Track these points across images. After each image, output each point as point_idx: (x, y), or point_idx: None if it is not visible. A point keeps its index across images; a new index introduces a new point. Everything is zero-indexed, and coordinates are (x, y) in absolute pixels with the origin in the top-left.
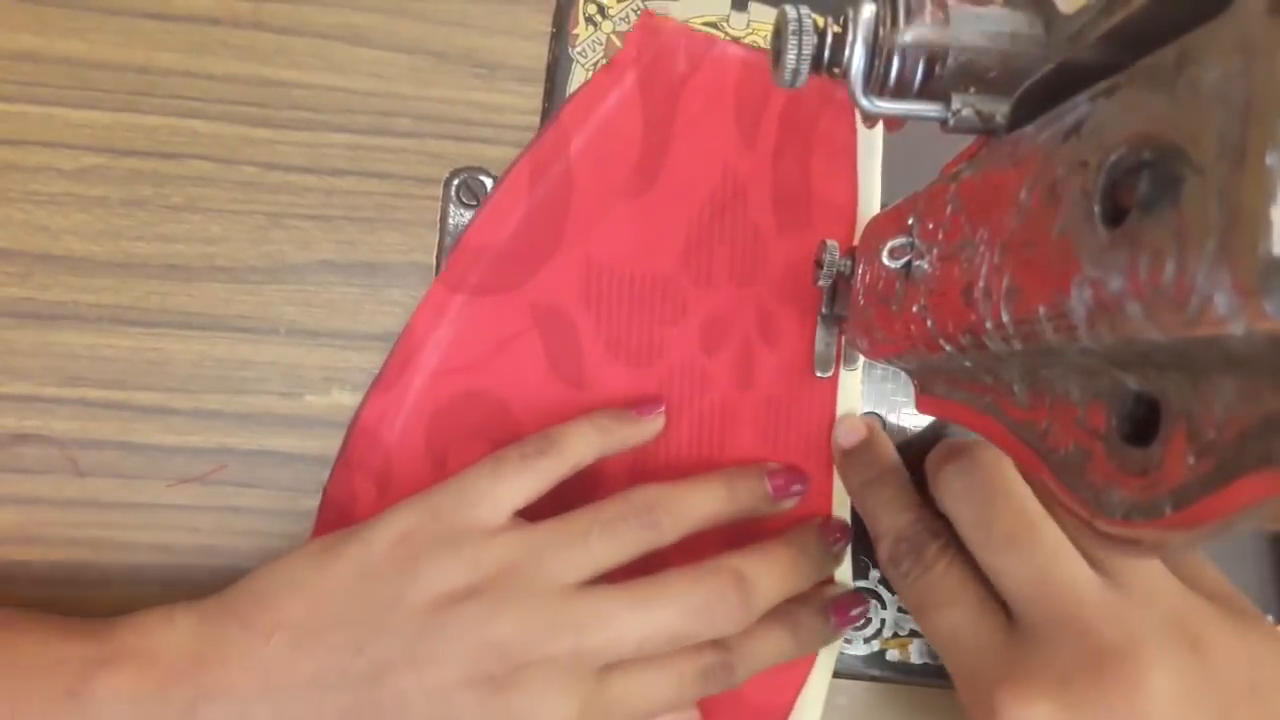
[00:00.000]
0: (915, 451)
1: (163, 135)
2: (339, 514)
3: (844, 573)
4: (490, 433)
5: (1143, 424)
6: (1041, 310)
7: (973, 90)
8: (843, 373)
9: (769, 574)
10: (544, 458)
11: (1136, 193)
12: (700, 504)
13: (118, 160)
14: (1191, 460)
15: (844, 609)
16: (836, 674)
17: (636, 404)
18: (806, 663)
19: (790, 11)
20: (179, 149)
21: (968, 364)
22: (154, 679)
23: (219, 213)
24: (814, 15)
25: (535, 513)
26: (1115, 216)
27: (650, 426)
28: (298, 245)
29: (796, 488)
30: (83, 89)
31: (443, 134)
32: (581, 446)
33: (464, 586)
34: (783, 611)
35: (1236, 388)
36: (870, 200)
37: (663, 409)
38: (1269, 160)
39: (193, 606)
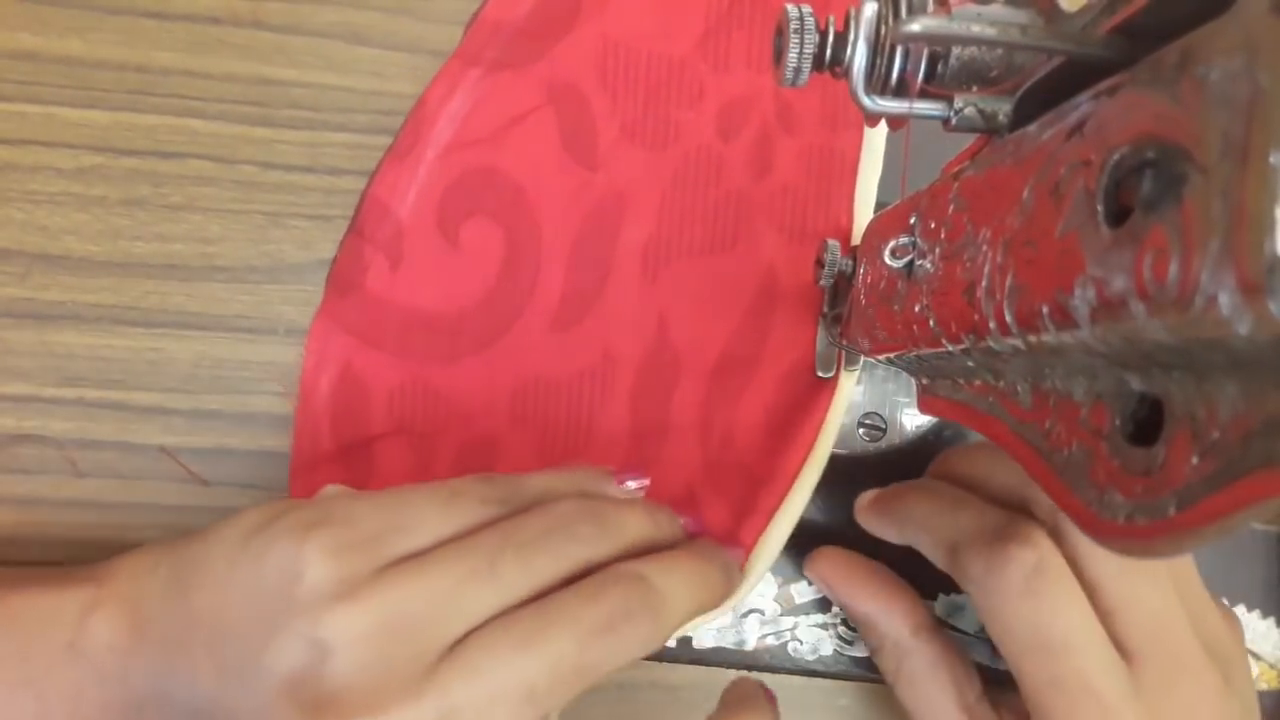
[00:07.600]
0: (923, 457)
1: (162, 134)
2: (349, 281)
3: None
4: (502, 214)
5: (1146, 424)
6: (1045, 309)
7: (975, 89)
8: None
9: (678, 580)
10: (505, 507)
11: (1140, 192)
12: (632, 526)
13: (117, 160)
14: (1195, 460)
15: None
16: (838, 675)
17: (622, 468)
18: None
19: (792, 10)
20: (178, 148)
21: (970, 364)
22: (138, 631)
23: (218, 212)
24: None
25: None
26: (1118, 215)
27: (624, 495)
28: (297, 245)
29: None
30: (82, 88)
31: None
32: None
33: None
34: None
35: (1240, 388)
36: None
37: (646, 482)
38: (1272, 160)
39: (171, 553)
